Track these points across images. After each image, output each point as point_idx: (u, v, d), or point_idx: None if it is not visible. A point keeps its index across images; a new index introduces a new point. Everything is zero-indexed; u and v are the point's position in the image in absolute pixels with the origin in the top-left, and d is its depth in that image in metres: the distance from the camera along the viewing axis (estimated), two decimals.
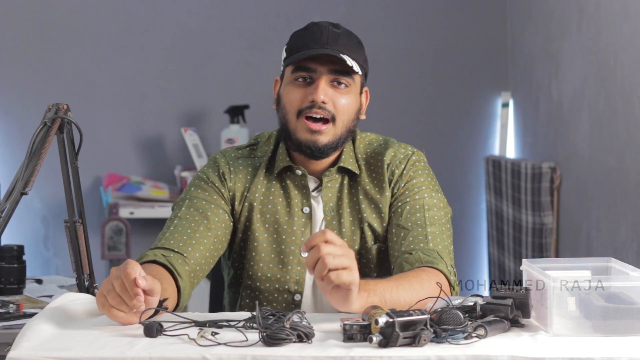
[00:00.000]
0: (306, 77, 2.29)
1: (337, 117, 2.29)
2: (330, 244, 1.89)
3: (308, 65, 2.29)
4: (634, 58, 3.35)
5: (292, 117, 2.30)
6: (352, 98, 2.32)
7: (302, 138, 2.30)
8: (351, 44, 2.31)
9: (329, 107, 2.28)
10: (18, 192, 1.97)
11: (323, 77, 2.28)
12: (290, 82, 2.31)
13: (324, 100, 2.27)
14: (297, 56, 2.28)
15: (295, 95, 2.30)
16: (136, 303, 1.86)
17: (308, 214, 2.35)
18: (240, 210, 2.36)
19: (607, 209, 3.61)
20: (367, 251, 2.36)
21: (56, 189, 3.88)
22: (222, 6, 4.83)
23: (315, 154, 2.31)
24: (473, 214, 4.98)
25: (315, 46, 2.27)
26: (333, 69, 2.28)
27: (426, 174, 2.39)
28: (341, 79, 2.29)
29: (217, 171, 2.38)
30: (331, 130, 2.29)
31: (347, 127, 2.32)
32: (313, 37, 2.29)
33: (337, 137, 2.31)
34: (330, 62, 2.28)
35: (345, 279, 1.89)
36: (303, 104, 2.29)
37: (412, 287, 2.10)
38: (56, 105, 2.14)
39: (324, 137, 2.29)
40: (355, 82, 2.32)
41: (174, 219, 2.31)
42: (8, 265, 2.84)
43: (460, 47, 4.93)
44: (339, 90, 2.30)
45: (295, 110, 2.30)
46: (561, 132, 4.14)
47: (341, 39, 2.29)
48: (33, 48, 4.71)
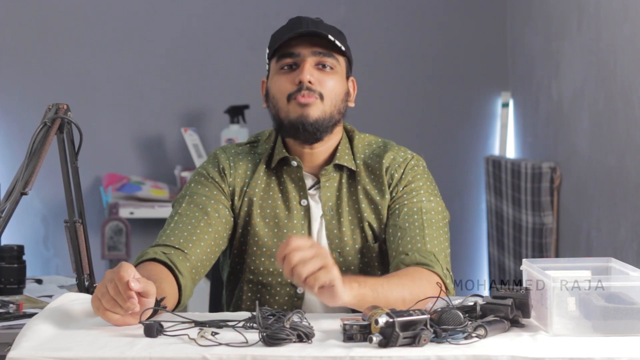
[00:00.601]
0: (291, 64, 2.32)
1: (324, 96, 2.31)
2: (298, 251, 1.89)
3: (292, 50, 2.32)
4: (634, 58, 3.35)
5: (283, 103, 2.32)
6: (339, 80, 2.34)
7: (293, 117, 2.30)
8: (332, 30, 2.36)
9: (316, 87, 2.30)
10: (18, 192, 1.97)
11: (308, 59, 2.31)
12: (277, 73, 2.34)
13: (310, 80, 2.29)
14: (281, 39, 2.32)
15: (282, 82, 2.32)
16: (130, 305, 1.87)
17: (306, 206, 2.36)
18: (240, 205, 2.36)
19: (607, 209, 3.61)
20: (368, 250, 2.36)
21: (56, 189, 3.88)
22: (222, 6, 4.83)
23: (308, 130, 2.30)
24: (473, 214, 4.98)
25: (297, 30, 2.33)
26: (317, 50, 2.31)
27: (425, 178, 2.40)
28: (325, 60, 2.32)
29: (217, 166, 2.38)
30: (320, 106, 2.30)
31: (336, 107, 2.33)
32: (293, 26, 2.35)
33: (327, 115, 2.31)
34: (313, 44, 2.31)
35: (324, 279, 1.90)
36: (292, 87, 2.30)
37: (403, 283, 2.10)
38: (56, 105, 2.14)
39: (313, 111, 2.29)
40: (340, 64, 2.35)
41: (174, 216, 2.31)
42: (8, 265, 2.84)
43: (460, 47, 4.93)
44: (324, 72, 2.32)
45: (284, 96, 2.31)
46: (561, 132, 4.14)
47: (321, 25, 2.35)
48: (33, 48, 4.71)
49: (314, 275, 1.89)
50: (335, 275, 1.91)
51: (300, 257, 1.89)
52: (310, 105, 2.29)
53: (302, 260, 1.89)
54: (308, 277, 1.88)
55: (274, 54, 2.35)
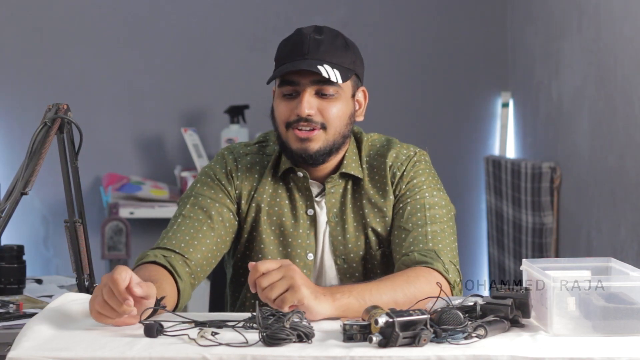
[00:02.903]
0: (292, 92, 2.28)
1: (327, 126, 2.28)
2: (265, 276, 1.96)
3: (291, 78, 2.27)
4: (634, 58, 3.35)
5: (282, 129, 2.30)
6: (342, 104, 2.29)
7: (293, 147, 2.29)
8: (334, 49, 2.27)
9: (317, 118, 2.27)
10: (18, 192, 1.97)
11: (307, 89, 2.26)
12: (279, 97, 2.31)
13: (308, 113, 2.25)
14: (278, 72, 2.27)
15: (282, 110, 2.29)
16: (126, 308, 1.87)
17: (312, 216, 2.35)
18: (247, 210, 2.35)
19: (607, 209, 3.61)
20: (372, 257, 2.35)
21: (56, 189, 3.88)
22: (222, 6, 4.83)
23: (308, 162, 2.30)
24: (473, 214, 4.98)
25: (296, 57, 2.25)
26: (316, 79, 2.26)
27: (427, 173, 2.38)
28: (326, 89, 2.27)
29: (225, 168, 2.37)
30: (322, 137, 2.28)
31: (340, 133, 2.30)
32: (294, 48, 2.27)
33: (330, 143, 2.29)
34: (312, 73, 2.25)
35: (291, 300, 1.96)
36: (290, 117, 2.28)
37: (395, 285, 2.10)
38: (56, 105, 2.14)
39: (314, 144, 2.28)
40: (343, 88, 2.29)
41: (178, 217, 2.30)
42: (8, 265, 2.84)
43: (460, 47, 4.93)
44: (326, 100, 2.27)
45: (283, 124, 2.29)
46: (561, 132, 4.15)
47: (323, 46, 2.26)
48: (33, 48, 4.71)
49: (281, 297, 1.96)
50: (303, 294, 1.96)
51: (268, 281, 1.96)
52: (310, 139, 2.27)
53: (269, 283, 1.96)
54: (276, 299, 1.95)
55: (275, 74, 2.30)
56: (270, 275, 1.96)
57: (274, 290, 1.95)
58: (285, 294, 1.95)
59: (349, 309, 2.00)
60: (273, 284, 1.96)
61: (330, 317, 1.99)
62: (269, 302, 1.96)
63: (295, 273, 1.97)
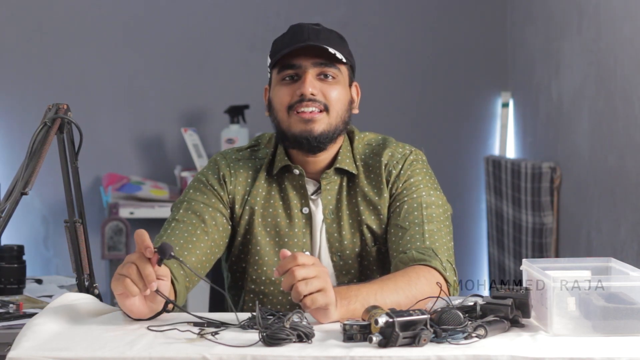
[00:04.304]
0: (293, 75, 2.30)
1: (330, 108, 2.29)
2: (302, 267, 1.91)
3: (292, 62, 2.29)
4: (634, 58, 3.35)
5: (284, 114, 2.30)
6: (342, 89, 2.32)
7: (296, 131, 2.29)
8: (332, 37, 2.32)
9: (320, 98, 2.29)
10: (18, 192, 1.97)
11: (309, 70, 2.29)
12: (278, 83, 2.32)
13: (312, 92, 2.27)
14: (281, 53, 2.29)
15: (283, 94, 2.30)
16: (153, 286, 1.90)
17: (307, 214, 2.35)
18: (241, 213, 2.35)
19: (607, 209, 3.61)
20: (367, 253, 2.36)
21: (56, 189, 3.89)
22: (222, 6, 4.83)
23: (312, 144, 2.30)
24: (473, 214, 4.98)
25: (297, 43, 2.28)
26: (318, 61, 2.29)
27: (424, 172, 2.39)
28: (327, 70, 2.30)
29: (217, 174, 2.37)
30: (325, 119, 2.29)
31: (341, 118, 2.32)
32: (294, 36, 2.30)
33: (332, 127, 2.30)
34: (314, 55, 2.28)
35: (321, 302, 1.92)
36: (292, 99, 2.29)
37: (397, 287, 2.10)
38: (56, 105, 2.14)
39: (318, 125, 2.29)
40: (342, 74, 2.32)
41: (171, 222, 2.31)
42: (8, 265, 2.84)
43: (460, 47, 4.93)
44: (327, 83, 2.30)
45: (285, 107, 2.30)
46: (561, 132, 4.15)
47: (322, 34, 2.31)
48: (33, 48, 4.71)
49: (311, 296, 1.91)
50: (331, 300, 1.94)
51: (303, 275, 1.91)
52: (314, 120, 2.28)
53: (305, 277, 1.91)
54: (306, 296, 1.91)
55: (275, 64, 2.33)
56: (307, 269, 1.91)
57: (308, 287, 1.90)
58: (316, 294, 1.91)
59: (354, 315, 2.00)
60: (308, 279, 1.91)
61: (336, 321, 1.99)
62: (296, 294, 1.91)
63: (327, 275, 1.95)
